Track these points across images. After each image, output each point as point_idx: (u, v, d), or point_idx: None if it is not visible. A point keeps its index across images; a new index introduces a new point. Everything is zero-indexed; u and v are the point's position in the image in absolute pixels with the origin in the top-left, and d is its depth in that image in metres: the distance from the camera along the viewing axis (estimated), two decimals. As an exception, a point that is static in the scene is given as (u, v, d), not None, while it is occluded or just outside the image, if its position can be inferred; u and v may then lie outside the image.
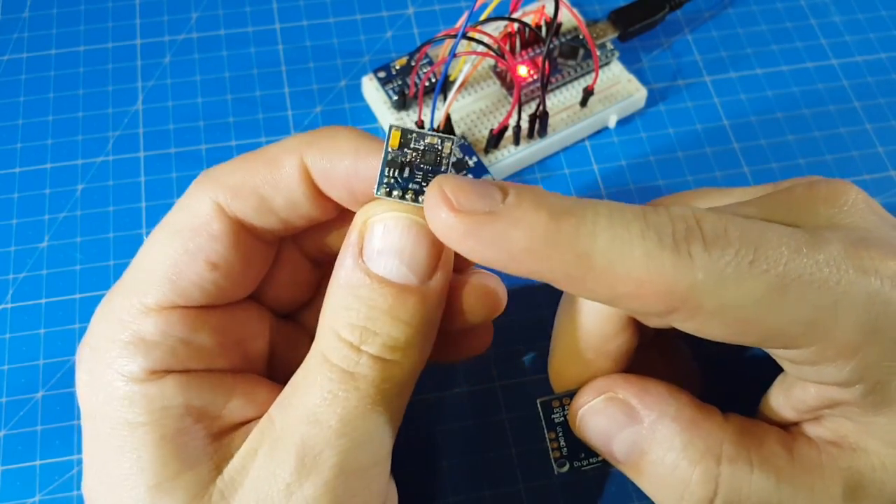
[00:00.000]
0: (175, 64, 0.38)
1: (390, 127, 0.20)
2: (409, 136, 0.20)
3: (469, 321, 0.22)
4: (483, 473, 0.28)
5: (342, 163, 0.21)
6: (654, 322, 0.22)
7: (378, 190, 0.20)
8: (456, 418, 0.29)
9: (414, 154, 0.20)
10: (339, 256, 0.21)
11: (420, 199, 0.20)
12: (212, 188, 0.21)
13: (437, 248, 0.20)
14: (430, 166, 0.20)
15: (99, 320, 0.21)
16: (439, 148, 0.19)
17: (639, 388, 0.22)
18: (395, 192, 0.20)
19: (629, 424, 0.22)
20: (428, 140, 0.19)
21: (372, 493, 0.21)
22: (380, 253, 0.20)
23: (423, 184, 0.20)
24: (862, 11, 0.41)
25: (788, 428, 0.22)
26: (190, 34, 0.39)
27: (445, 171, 0.20)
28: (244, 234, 0.22)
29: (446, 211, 0.18)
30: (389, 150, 0.20)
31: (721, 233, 0.18)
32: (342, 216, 0.23)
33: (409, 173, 0.20)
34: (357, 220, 0.21)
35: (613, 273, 0.18)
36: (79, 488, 0.28)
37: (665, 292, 0.18)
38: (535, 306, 0.32)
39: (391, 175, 0.20)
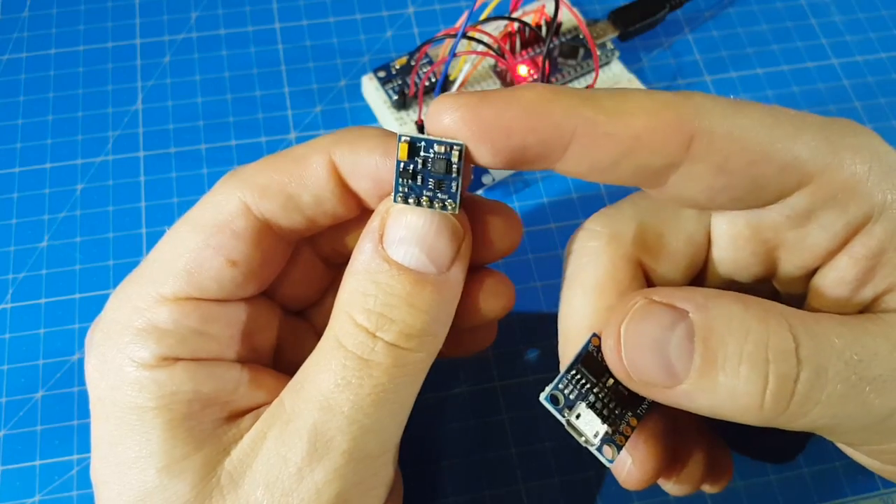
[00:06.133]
0: (175, 63, 0.38)
1: (399, 137, 0.20)
2: (418, 146, 0.20)
3: (480, 318, 0.23)
4: (483, 473, 0.28)
5: (371, 155, 0.21)
6: (679, 180, 0.19)
7: (395, 198, 0.20)
8: (456, 418, 0.29)
9: (424, 162, 0.20)
10: (358, 243, 0.21)
11: (435, 204, 0.20)
12: (239, 186, 0.21)
13: (457, 240, 0.21)
14: (441, 174, 0.20)
15: (113, 306, 0.21)
16: (448, 155, 0.20)
17: (670, 289, 0.19)
18: (410, 200, 0.20)
19: (680, 320, 0.18)
20: (436, 148, 0.20)
21: (379, 480, 0.21)
22: (401, 241, 0.20)
23: (437, 191, 0.20)
24: (862, 11, 0.40)
25: None
26: (190, 34, 0.39)
27: (457, 178, 0.20)
28: (266, 233, 0.22)
29: (451, 100, 0.19)
30: (400, 161, 0.20)
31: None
32: (359, 218, 0.23)
33: (421, 181, 0.20)
34: (380, 208, 0.21)
35: (622, 108, 0.18)
36: (79, 488, 0.28)
37: (675, 118, 0.18)
38: (535, 306, 0.32)
39: (405, 184, 0.20)
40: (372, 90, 0.36)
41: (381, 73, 0.35)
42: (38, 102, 0.36)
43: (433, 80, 0.34)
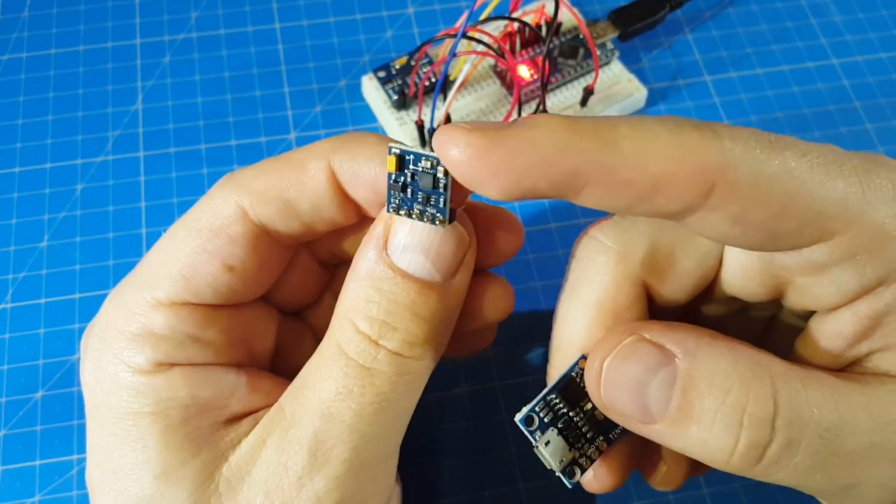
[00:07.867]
0: (175, 63, 0.38)
1: (389, 150, 0.19)
2: (407, 158, 0.19)
3: (481, 322, 0.23)
4: (483, 473, 0.28)
5: (370, 165, 0.21)
6: (694, 222, 0.18)
7: (388, 209, 0.20)
8: (456, 418, 0.29)
9: (413, 175, 0.19)
10: (360, 249, 0.21)
11: (425, 218, 0.20)
12: (236, 191, 0.21)
13: (462, 248, 0.20)
14: (429, 188, 0.19)
15: (109, 310, 0.21)
16: (434, 171, 0.19)
17: (664, 327, 0.19)
18: (402, 211, 0.20)
19: (665, 364, 0.18)
20: (423, 163, 0.19)
21: (378, 486, 0.21)
22: (405, 248, 0.20)
23: (426, 205, 0.19)
24: (862, 11, 0.40)
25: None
26: (190, 34, 0.39)
27: (444, 193, 0.19)
28: (264, 238, 0.22)
29: (462, 134, 0.17)
30: (390, 174, 0.19)
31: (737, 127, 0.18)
32: (358, 224, 0.23)
33: (411, 193, 0.20)
34: (383, 213, 0.21)
35: (644, 154, 0.17)
36: (79, 488, 0.28)
37: (699, 166, 0.17)
38: (535, 306, 0.32)
39: (397, 196, 0.20)
40: (372, 90, 0.36)
41: (381, 73, 0.35)
42: (38, 102, 0.36)
43: (433, 80, 0.34)
